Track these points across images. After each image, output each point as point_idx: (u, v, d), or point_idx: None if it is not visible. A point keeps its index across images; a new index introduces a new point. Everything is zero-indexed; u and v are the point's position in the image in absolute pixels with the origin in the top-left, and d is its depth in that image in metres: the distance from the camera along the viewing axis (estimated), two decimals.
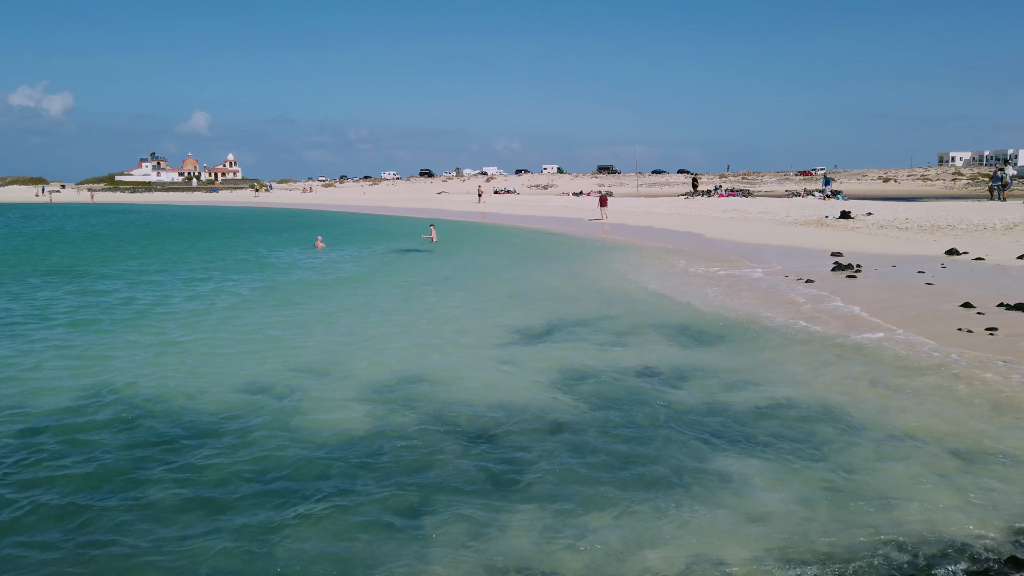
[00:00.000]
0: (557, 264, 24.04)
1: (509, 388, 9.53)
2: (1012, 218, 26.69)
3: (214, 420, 8.45)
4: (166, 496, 6.49)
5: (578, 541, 5.61)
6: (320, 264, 25.70)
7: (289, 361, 11.11)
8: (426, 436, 7.86)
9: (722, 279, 19.13)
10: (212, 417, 8.54)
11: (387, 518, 6.05)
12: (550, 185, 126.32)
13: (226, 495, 6.51)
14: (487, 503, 6.26)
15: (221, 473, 6.97)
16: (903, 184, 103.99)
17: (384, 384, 9.79)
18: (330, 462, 7.20)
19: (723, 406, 8.64)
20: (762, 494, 6.31)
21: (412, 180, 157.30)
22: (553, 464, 7.03)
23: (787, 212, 38.37)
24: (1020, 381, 9.13)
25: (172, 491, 6.58)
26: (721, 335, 12.32)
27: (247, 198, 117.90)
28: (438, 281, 20.50)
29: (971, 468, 6.69)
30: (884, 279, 17.59)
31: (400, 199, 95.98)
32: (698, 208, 46.85)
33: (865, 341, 11.57)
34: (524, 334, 12.80)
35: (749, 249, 26.16)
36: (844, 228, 30.48)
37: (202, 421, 8.43)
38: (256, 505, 6.31)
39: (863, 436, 7.57)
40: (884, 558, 5.22)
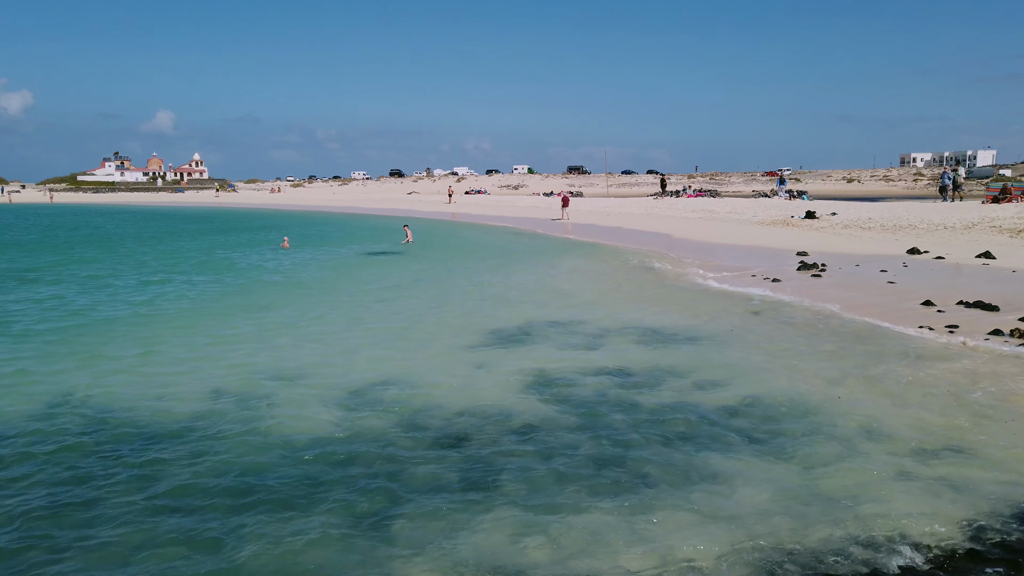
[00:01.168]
0: (528, 266, 24.07)
1: (479, 391, 9.52)
2: (970, 218, 27.34)
3: (178, 427, 8.32)
4: (130, 503, 6.37)
5: (549, 541, 5.63)
6: (287, 266, 25.42)
7: (255, 366, 10.97)
8: (396, 440, 7.82)
9: (691, 279, 19.31)
10: (176, 424, 8.40)
11: (356, 522, 6.01)
12: (521, 185, 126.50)
13: (192, 502, 6.41)
14: (458, 505, 6.24)
15: (187, 480, 6.87)
16: (866, 184, 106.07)
17: (353, 388, 9.71)
18: (298, 467, 7.13)
19: (692, 406, 8.72)
20: (730, 492, 6.38)
21: (382, 180, 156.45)
22: (524, 466, 7.04)
23: (754, 212, 38.87)
24: (982, 376, 9.34)
25: (136, 498, 6.46)
26: (688, 336, 12.44)
27: (211, 198, 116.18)
28: (408, 283, 20.40)
29: (934, 463, 6.84)
30: (848, 278, 17.90)
31: (370, 199, 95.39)
32: (667, 208, 47.25)
33: (829, 340, 11.76)
34: (494, 336, 12.79)
35: (716, 249, 26.45)
36: (809, 228, 30.97)
37: (166, 428, 8.29)
38: (223, 511, 6.22)
39: (829, 433, 7.69)
40: (848, 554, 5.31)
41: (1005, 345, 10.81)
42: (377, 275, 22.31)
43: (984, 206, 31.57)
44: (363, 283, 20.51)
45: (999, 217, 26.71)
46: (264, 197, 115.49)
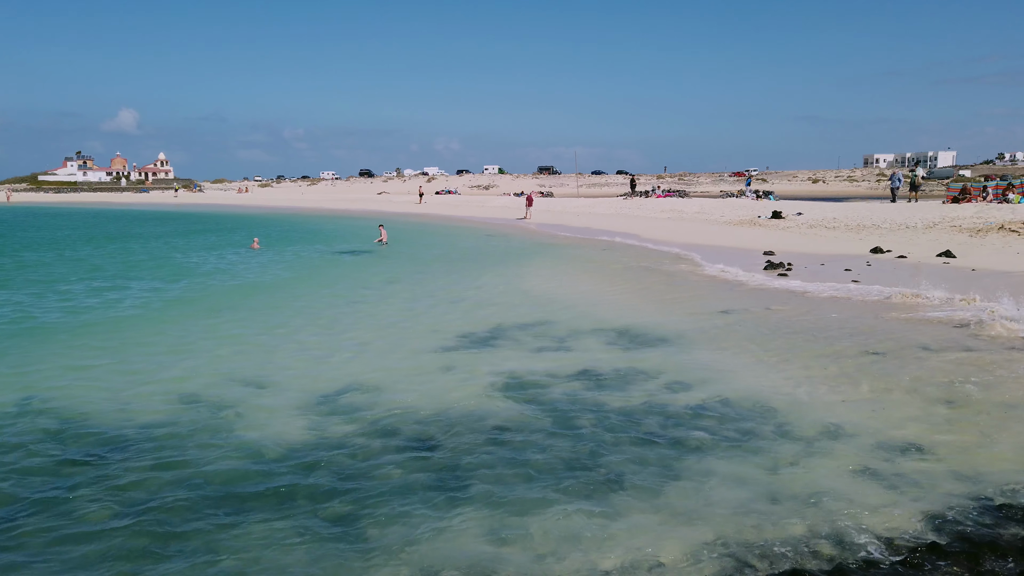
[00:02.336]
0: (499, 267, 24.07)
1: (449, 394, 9.49)
2: (932, 218, 27.96)
3: (141, 435, 8.16)
4: (92, 512, 6.24)
5: (520, 543, 5.63)
6: (255, 267, 25.10)
7: (223, 370, 10.82)
8: (365, 444, 7.77)
9: (659, 279, 19.46)
10: (139, 432, 8.24)
11: (325, 527, 5.95)
12: (491, 185, 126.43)
13: (157, 509, 6.29)
14: (429, 509, 6.22)
15: (152, 488, 6.74)
16: (831, 185, 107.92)
17: (322, 392, 9.63)
18: (266, 473, 7.04)
19: (661, 406, 8.79)
20: (697, 491, 6.44)
21: (352, 180, 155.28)
22: (494, 469, 7.04)
23: (721, 212, 39.32)
24: (946, 373, 9.56)
25: (100, 506, 6.33)
26: (658, 336, 12.53)
27: (184, 198, 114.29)
28: (379, 284, 20.28)
29: (896, 460, 6.97)
30: (814, 277, 18.19)
31: (340, 200, 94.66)
32: (636, 209, 47.58)
33: (796, 338, 11.94)
34: (465, 339, 12.77)
35: (684, 249, 26.71)
36: (776, 228, 31.42)
37: (132, 435, 8.13)
38: (187, 519, 6.12)
39: (796, 431, 7.80)
40: (814, 551, 5.39)
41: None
42: (347, 277, 22.14)
43: (944, 206, 32.30)
44: (333, 285, 20.33)
45: (959, 217, 27.35)
46: (231, 197, 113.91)
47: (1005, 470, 6.64)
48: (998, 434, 7.51)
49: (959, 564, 5.06)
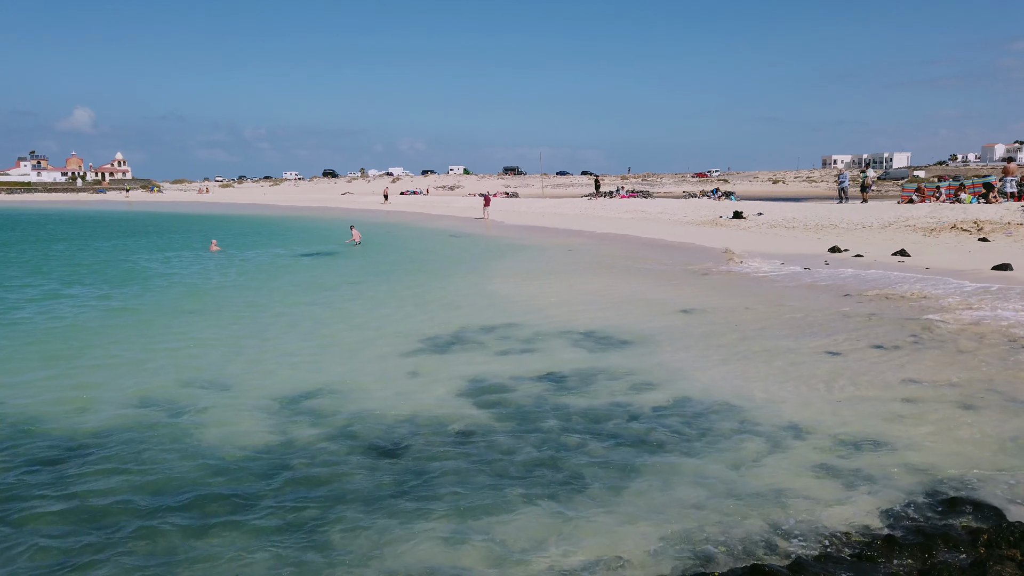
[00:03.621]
0: (463, 268, 24.03)
1: (414, 397, 9.45)
2: (887, 217, 28.64)
3: (102, 439, 7.98)
4: (45, 520, 6.08)
5: (483, 546, 5.63)
6: (213, 269, 24.68)
7: (183, 374, 10.62)
8: (329, 448, 7.69)
9: (624, 278, 19.61)
10: (100, 436, 8.06)
11: (288, 533, 5.88)
12: (457, 186, 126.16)
13: (116, 516, 6.16)
14: (392, 513, 6.18)
15: (110, 494, 6.59)
16: (791, 185, 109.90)
17: (285, 396, 9.51)
18: (227, 479, 6.94)
19: (624, 407, 8.85)
20: (661, 490, 6.51)
21: (315, 180, 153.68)
22: (459, 472, 7.02)
23: (684, 213, 39.78)
24: (889, 366, 9.80)
25: (52, 515, 6.17)
26: (622, 338, 12.62)
27: (140, 198, 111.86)
28: (341, 285, 20.09)
29: (853, 455, 7.12)
30: (774, 273, 18.51)
31: (303, 200, 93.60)
32: (601, 209, 47.89)
33: (756, 335, 12.13)
34: (430, 341, 12.71)
35: (649, 247, 26.96)
36: (737, 227, 31.90)
37: (89, 440, 7.94)
38: (149, 526, 5.99)
39: (756, 429, 7.92)
40: (774, 546, 5.48)
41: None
42: (310, 278, 21.89)
43: (900, 206, 33.10)
44: (295, 287, 20.08)
45: (914, 216, 28.07)
46: (191, 198, 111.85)
47: (957, 464, 6.83)
48: (951, 428, 7.71)
49: (913, 556, 5.19)
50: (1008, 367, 9.75)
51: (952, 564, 4.95)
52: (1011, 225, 23.99)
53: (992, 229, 23.77)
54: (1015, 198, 30.81)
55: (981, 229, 24.01)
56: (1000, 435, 7.46)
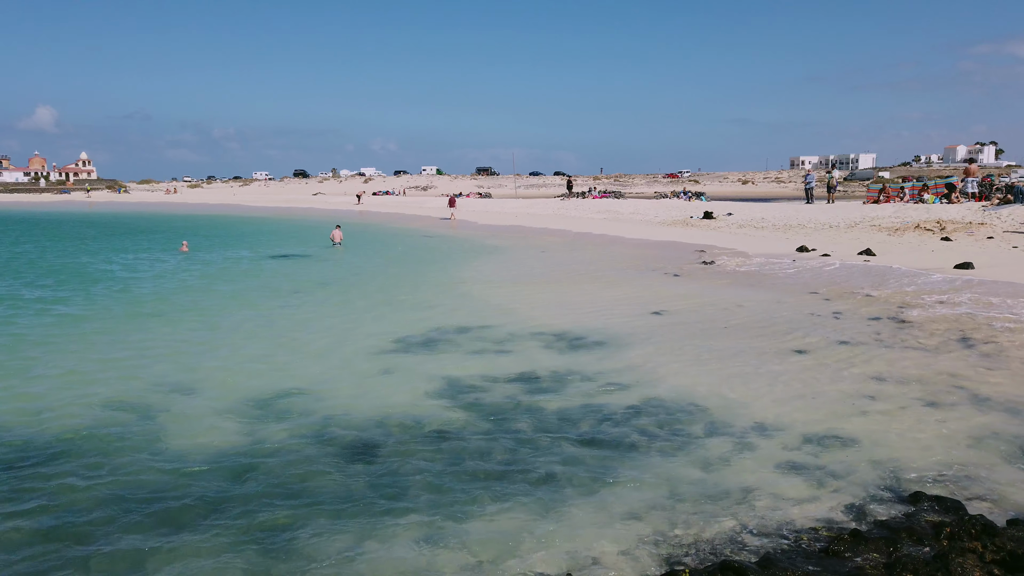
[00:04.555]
0: (437, 268, 23.97)
1: (387, 398, 9.41)
2: (853, 217, 29.16)
3: (66, 445, 7.82)
4: (10, 530, 5.94)
5: (458, 549, 5.63)
6: (184, 270, 24.32)
7: (151, 377, 10.45)
8: (300, 451, 7.63)
9: (596, 278, 19.72)
10: (59, 442, 7.89)
11: (259, 538, 5.82)
12: (430, 187, 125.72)
13: (81, 524, 6.04)
14: (364, 517, 6.15)
15: (75, 501, 6.47)
16: (760, 186, 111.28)
17: (256, 398, 9.41)
18: (194, 485, 6.84)
19: (597, 408, 8.90)
20: (633, 490, 6.56)
21: (286, 181, 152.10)
22: (432, 474, 7.01)
23: (656, 213, 40.10)
24: (855, 364, 9.99)
25: (17, 524, 6.03)
26: (594, 339, 12.69)
27: (103, 199, 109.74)
28: (313, 287, 19.92)
29: (820, 453, 7.25)
30: (745, 272, 18.74)
31: (274, 200, 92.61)
32: (574, 210, 48.08)
33: (725, 335, 12.28)
34: (404, 342, 12.67)
35: (621, 248, 27.14)
36: (707, 227, 32.25)
37: (51, 448, 7.77)
38: (111, 533, 5.89)
39: (726, 429, 8.02)
40: (743, 543, 5.56)
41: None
42: (280, 279, 21.67)
43: (865, 206, 33.70)
44: (265, 288, 19.87)
45: (879, 216, 28.61)
46: (158, 198, 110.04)
47: (921, 459, 6.99)
48: (915, 425, 7.88)
49: (879, 550, 5.30)
50: (969, 364, 9.99)
51: (916, 557, 5.06)
52: (972, 225, 24.57)
53: (954, 229, 24.32)
54: (976, 198, 31.57)
55: (944, 229, 24.55)
56: (962, 431, 7.64)
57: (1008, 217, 24.88)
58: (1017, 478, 6.52)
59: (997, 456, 7.00)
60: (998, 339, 11.13)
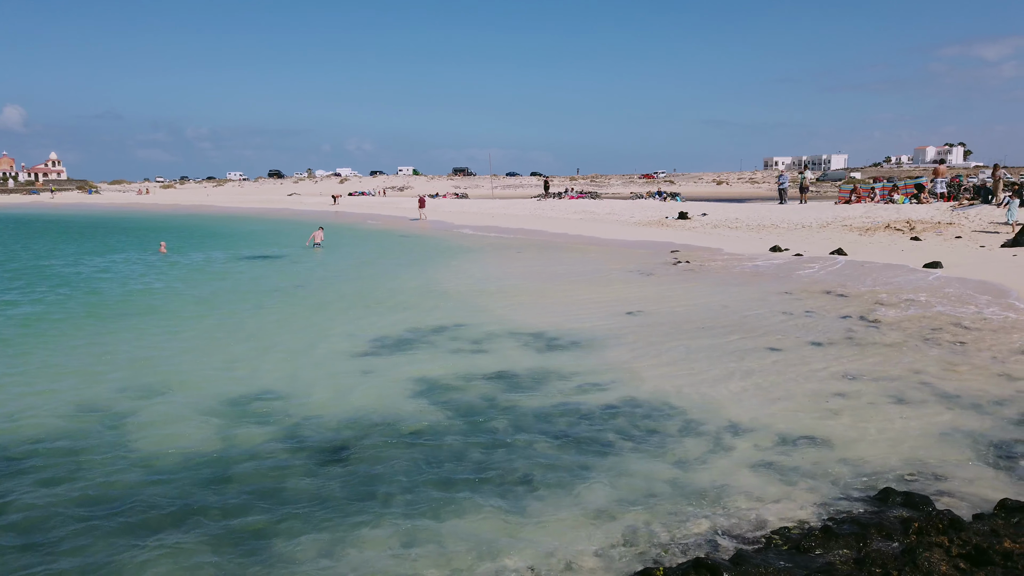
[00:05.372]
0: (413, 268, 23.88)
1: (364, 399, 9.37)
2: (825, 217, 29.55)
3: (32, 448, 7.69)
4: None
5: (434, 550, 5.62)
6: (161, 272, 23.99)
7: (125, 379, 10.30)
8: (277, 453, 7.57)
9: (572, 278, 19.77)
10: (30, 445, 7.77)
11: (233, 542, 5.76)
12: (406, 187, 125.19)
13: (48, 534, 5.94)
14: (341, 519, 6.12)
15: (42, 511, 6.35)
16: (734, 186, 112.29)
17: (231, 400, 9.32)
18: (167, 487, 6.76)
19: (573, 407, 8.93)
20: (608, 490, 6.60)
21: (260, 181, 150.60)
22: (408, 475, 6.99)
23: (631, 213, 40.31)
24: (827, 362, 10.12)
25: None
26: (570, 338, 12.73)
27: (76, 199, 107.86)
28: (289, 287, 19.75)
29: (792, 451, 7.34)
30: (719, 272, 18.91)
31: (249, 201, 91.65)
32: (550, 210, 48.15)
33: (700, 334, 12.38)
34: (380, 343, 12.61)
35: (597, 248, 27.25)
36: (682, 228, 32.49)
37: (21, 449, 7.64)
38: (84, 542, 5.80)
39: (700, 428, 8.09)
40: (716, 542, 5.62)
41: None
42: (255, 280, 21.45)
43: (837, 206, 34.17)
44: (241, 289, 19.67)
45: (850, 216, 29.03)
46: (129, 199, 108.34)
47: (890, 457, 7.10)
48: (885, 422, 8.01)
49: (849, 546, 5.38)
50: (937, 361, 10.17)
51: (885, 552, 5.14)
52: (941, 224, 25.03)
53: (923, 228, 24.76)
54: (944, 198, 32.15)
55: (913, 228, 24.98)
56: (931, 428, 7.78)
57: (976, 217, 25.37)
58: (983, 474, 6.65)
59: (964, 452, 7.14)
60: (965, 337, 11.35)
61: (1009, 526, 5.36)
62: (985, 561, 4.72)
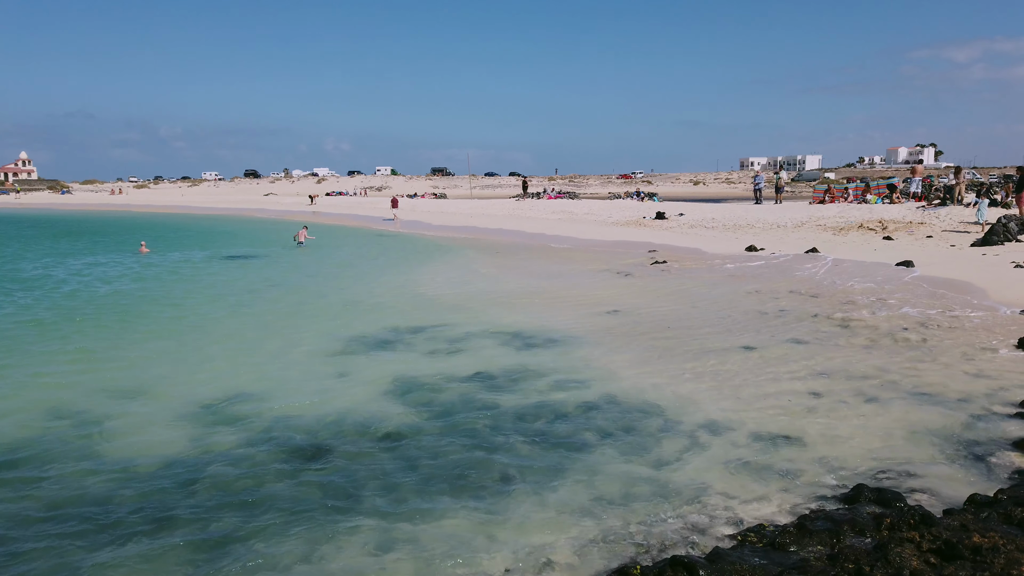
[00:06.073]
0: (390, 268, 23.79)
1: (340, 399, 9.32)
2: (800, 217, 29.88)
3: (4, 453, 7.54)
4: None
5: (411, 552, 5.61)
6: (138, 273, 23.66)
7: (97, 381, 10.16)
8: (250, 455, 7.50)
9: (550, 278, 19.81)
10: (1, 450, 7.60)
11: (208, 547, 5.71)
12: (384, 187, 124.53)
13: (18, 540, 5.83)
14: (316, 521, 6.08)
15: (11, 515, 6.24)
16: (711, 187, 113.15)
17: (206, 402, 9.22)
18: (141, 490, 6.68)
19: (551, 407, 8.94)
20: (586, 490, 6.62)
21: (237, 181, 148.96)
22: (386, 476, 6.97)
23: (609, 213, 40.45)
24: (802, 361, 10.24)
25: None
26: (549, 337, 12.75)
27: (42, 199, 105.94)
28: (266, 287, 19.58)
29: (768, 449, 7.41)
30: (695, 272, 19.04)
31: (224, 201, 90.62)
32: (529, 210, 48.18)
33: (677, 333, 12.46)
34: (356, 343, 12.55)
35: (575, 247, 27.32)
36: (660, 228, 32.67)
37: None
38: (56, 548, 5.71)
39: (676, 427, 8.14)
40: (692, 540, 5.66)
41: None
42: (231, 281, 21.25)
43: (811, 206, 34.57)
44: (218, 288, 19.47)
45: (824, 216, 29.38)
46: (102, 199, 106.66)
47: (864, 454, 7.20)
48: (858, 421, 8.12)
49: (823, 542, 5.45)
50: (909, 359, 10.32)
51: (858, 548, 5.21)
52: (912, 224, 25.43)
53: (896, 228, 25.13)
54: (917, 198, 32.66)
55: (886, 228, 25.35)
56: (902, 425, 7.89)
57: (946, 217, 25.81)
58: (953, 470, 6.77)
59: (935, 449, 7.25)
60: (936, 335, 11.53)
61: (978, 521, 5.45)
62: (955, 555, 4.79)
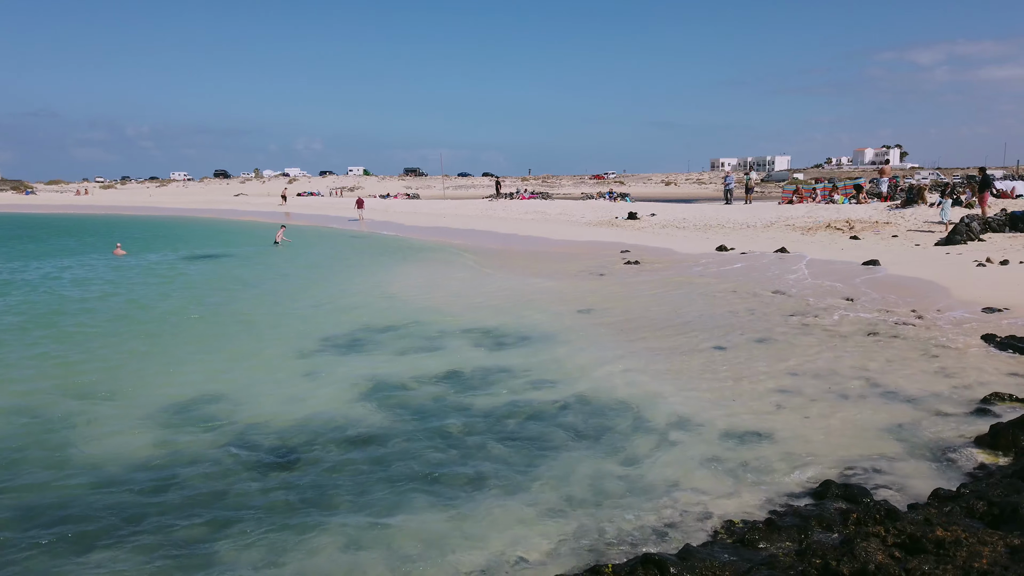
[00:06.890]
0: (362, 268, 23.65)
1: (310, 401, 9.24)
2: (769, 218, 30.27)
3: None
4: None
5: (384, 553, 5.58)
6: (115, 274, 23.23)
7: (63, 383, 9.96)
8: (219, 459, 7.41)
9: (522, 277, 19.83)
10: None
11: (177, 552, 5.63)
12: (357, 187, 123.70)
13: None
14: (287, 524, 6.03)
15: None
16: (682, 187, 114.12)
17: (174, 404, 9.09)
18: (110, 497, 6.56)
19: (524, 406, 8.96)
20: (558, 488, 6.64)
21: (206, 181, 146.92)
22: (357, 478, 6.93)
23: (582, 214, 40.62)
24: (771, 359, 10.37)
25: None
26: (521, 336, 12.77)
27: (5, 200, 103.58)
28: (236, 288, 19.35)
29: (738, 447, 7.50)
30: (666, 271, 19.19)
31: (194, 202, 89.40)
32: (502, 211, 48.20)
33: (648, 332, 12.55)
34: (327, 343, 12.45)
35: (548, 247, 27.38)
36: (632, 228, 32.89)
37: None
38: (21, 552, 5.59)
39: (648, 426, 8.20)
40: (664, 536, 5.71)
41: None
42: (204, 280, 20.96)
43: (780, 207, 35.03)
44: (190, 289, 19.19)
45: (792, 216, 29.79)
46: (67, 200, 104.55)
47: (832, 451, 7.31)
48: (827, 418, 8.24)
49: (791, 538, 5.52)
50: (875, 357, 10.50)
51: (825, 543, 5.29)
52: (878, 224, 25.88)
53: (862, 228, 25.57)
54: (883, 198, 33.26)
55: (853, 228, 25.77)
56: (869, 423, 8.02)
57: (911, 216, 26.32)
58: (918, 465, 6.90)
59: (901, 445, 7.39)
60: (902, 332, 11.74)
61: (941, 515, 5.57)
62: (919, 549, 4.89)
